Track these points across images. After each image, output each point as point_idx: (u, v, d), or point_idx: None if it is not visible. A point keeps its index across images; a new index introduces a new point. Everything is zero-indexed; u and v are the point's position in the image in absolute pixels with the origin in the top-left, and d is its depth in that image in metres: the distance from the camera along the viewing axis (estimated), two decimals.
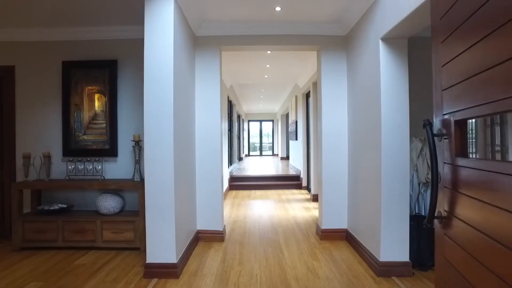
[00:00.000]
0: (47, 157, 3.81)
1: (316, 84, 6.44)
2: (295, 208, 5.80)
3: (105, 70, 3.85)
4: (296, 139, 9.11)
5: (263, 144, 20.51)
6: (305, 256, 3.37)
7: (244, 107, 15.75)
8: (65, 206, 3.74)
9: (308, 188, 7.72)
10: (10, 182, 3.88)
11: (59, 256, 3.40)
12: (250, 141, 20.35)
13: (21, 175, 3.96)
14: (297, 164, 9.33)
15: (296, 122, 9.06)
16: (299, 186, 8.12)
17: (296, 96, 9.12)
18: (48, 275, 2.94)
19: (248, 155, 19.79)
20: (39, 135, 3.99)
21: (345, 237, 3.87)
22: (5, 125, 4.01)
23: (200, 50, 3.90)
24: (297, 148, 9.27)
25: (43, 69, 3.97)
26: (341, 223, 3.89)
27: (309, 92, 7.45)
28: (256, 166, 12.32)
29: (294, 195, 7.18)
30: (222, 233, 3.91)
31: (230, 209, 5.76)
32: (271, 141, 20.45)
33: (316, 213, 5.35)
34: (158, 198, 2.87)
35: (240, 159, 14.61)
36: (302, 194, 7.38)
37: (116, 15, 3.53)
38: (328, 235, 3.89)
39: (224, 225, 4.09)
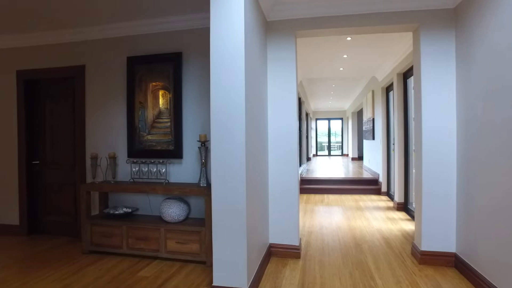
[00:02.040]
0: (113, 158, 3.65)
1: (401, 76, 5.54)
2: (377, 218, 5.01)
3: (169, 64, 3.56)
4: (373, 138, 8.18)
5: (331, 144, 19.49)
6: (405, 287, 2.66)
7: (312, 104, 15.01)
8: (130, 210, 3.54)
9: (389, 194, 6.80)
10: (81, 183, 3.82)
11: (123, 265, 3.19)
12: (318, 140, 19.47)
13: (90, 176, 3.88)
14: (374, 166, 8.39)
15: (373, 119, 8.13)
16: (377, 192, 7.22)
17: (372, 91, 8.19)
18: (111, 286, 2.72)
19: (316, 155, 18.96)
20: (105, 135, 3.86)
21: (453, 263, 3.05)
22: (77, 125, 3.97)
23: (272, 38, 3.40)
24: (374, 148, 8.33)
25: (109, 66, 3.84)
26: (447, 245, 3.08)
27: (390, 85, 6.53)
28: (326, 167, 11.54)
29: (373, 202, 6.34)
30: (298, 248, 3.36)
31: (303, 216, 5.18)
32: (340, 140, 19.33)
33: (405, 226, 4.52)
34: (227, 208, 2.43)
35: (308, 159, 13.92)
36: (382, 201, 6.50)
37: (180, 4, 3.20)
38: (429, 259, 3.10)
39: (300, 238, 3.54)
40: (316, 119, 18.94)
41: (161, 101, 3.60)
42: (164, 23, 3.57)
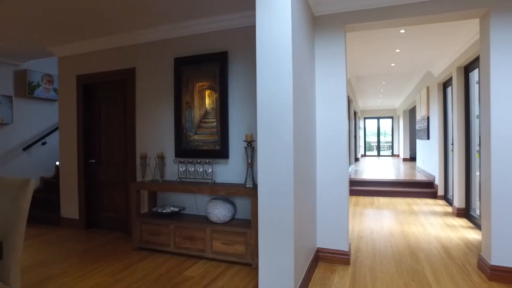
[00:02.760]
0: (161, 158, 3.73)
1: (461, 69, 5.07)
2: (434, 224, 4.63)
3: (215, 63, 3.55)
4: (428, 138, 7.63)
5: (381, 144, 18.61)
6: None
7: (360, 103, 14.44)
8: (177, 209, 3.59)
9: (446, 198, 6.28)
10: (131, 182, 3.96)
11: (170, 263, 3.24)
12: (366, 140, 18.71)
13: (140, 175, 4.01)
14: (428, 167, 7.82)
15: (428, 118, 7.57)
16: (433, 195, 6.71)
17: (427, 87, 7.63)
18: (158, 284, 2.77)
19: (364, 155, 18.24)
20: (154, 135, 3.97)
21: None
22: (128, 126, 4.12)
23: (320, 33, 3.25)
24: (428, 149, 7.76)
25: (157, 68, 3.94)
26: None
27: (447, 80, 6.02)
28: (375, 168, 11.01)
29: (428, 206, 5.89)
30: (348, 254, 3.18)
31: (352, 219, 4.95)
32: (390, 140, 18.40)
33: (467, 234, 4.11)
34: (274, 211, 2.34)
35: (356, 159, 13.41)
36: (439, 205, 6.01)
37: (226, 2, 3.17)
38: (502, 276, 2.76)
39: (349, 243, 3.35)
40: (365, 118, 18.21)
41: (207, 101, 3.61)
42: (210, 23, 3.58)
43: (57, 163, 5.58)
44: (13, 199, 1.86)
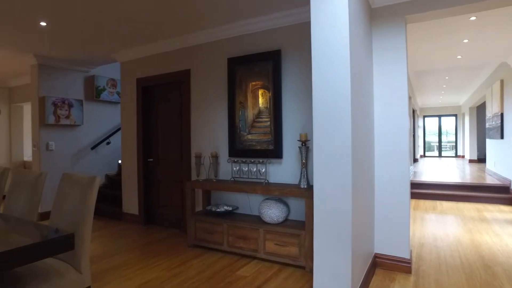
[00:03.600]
0: (215, 157, 3.79)
1: None
2: None
3: (268, 62, 3.52)
4: (502, 137, 6.89)
5: (442, 144, 17.29)
6: None
7: (420, 100, 13.52)
8: (230, 208, 3.62)
9: None
10: (186, 181, 4.08)
11: (223, 261, 3.27)
12: (426, 139, 17.49)
13: (195, 174, 4.11)
14: (502, 170, 7.06)
15: (502, 115, 6.85)
16: (508, 201, 6.04)
17: (501, 80, 6.90)
18: (211, 282, 2.81)
19: (424, 156, 17.08)
20: (208, 135, 4.05)
21: None
22: (183, 126, 4.25)
23: (378, 26, 3.06)
24: (502, 149, 7.02)
25: (211, 69, 4.01)
26: None
27: None
28: (437, 169, 10.24)
29: (503, 214, 5.31)
30: (409, 262, 2.96)
31: (412, 224, 4.62)
32: (453, 139, 17.00)
33: None
34: (330, 213, 2.24)
35: (415, 160, 12.60)
36: None
37: None
38: None
39: (410, 250, 3.11)
40: (424, 116, 17.04)
41: (260, 100, 3.59)
42: (263, 22, 3.55)
43: (120, 161, 5.96)
44: (82, 194, 1.98)
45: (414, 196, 6.70)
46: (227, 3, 3.20)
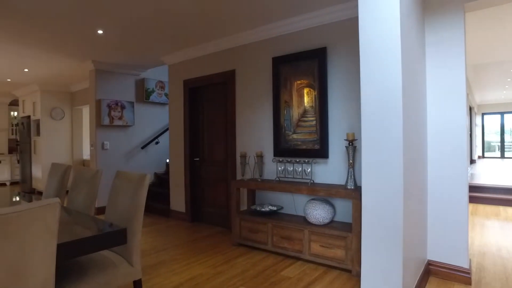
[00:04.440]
0: (260, 157, 3.79)
1: None
2: None
3: (313, 60, 3.45)
4: None
5: (505, 144, 15.85)
6: None
7: (478, 96, 12.52)
8: (275, 208, 3.60)
9: None
10: (232, 180, 4.13)
11: (267, 261, 3.25)
12: (485, 139, 16.15)
13: (240, 173, 4.15)
14: None
15: None
16: None
17: None
18: (255, 281, 2.80)
19: (482, 156, 15.79)
20: (253, 134, 4.06)
21: None
22: (228, 126, 4.32)
23: (432, 16, 2.87)
24: None
25: (256, 68, 4.02)
26: None
27: None
28: (498, 171, 9.39)
29: None
30: (468, 272, 2.73)
31: (470, 231, 4.28)
32: None
33: None
34: (380, 215, 2.13)
35: (472, 161, 11.69)
36: None
37: None
38: None
39: (470, 259, 2.88)
40: (483, 114, 15.75)
41: (306, 99, 3.53)
42: (307, 19, 3.49)
43: (167, 160, 6.21)
44: (133, 191, 2.08)
45: (472, 200, 6.21)
46: (272, 2, 3.19)
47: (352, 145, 3.04)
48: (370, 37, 2.16)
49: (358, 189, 2.92)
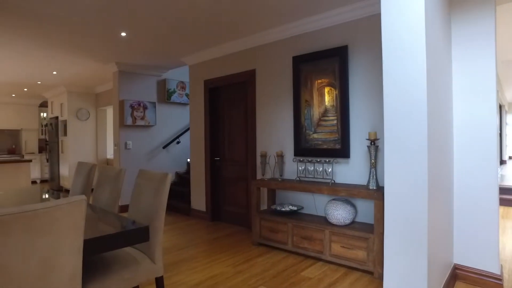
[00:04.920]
0: (280, 157, 3.78)
1: None
2: None
3: (334, 59, 3.41)
4: None
5: None
6: None
7: (508, 93, 11.99)
8: (295, 208, 3.58)
9: None
10: (252, 179, 4.14)
11: (287, 261, 3.24)
12: None
13: (260, 173, 4.15)
14: None
15: None
16: None
17: None
18: (275, 281, 2.80)
19: None
20: (273, 134, 4.05)
21: None
22: (249, 125, 4.33)
23: (459, 9, 2.76)
24: None
25: (276, 68, 4.01)
26: None
27: None
28: None
29: None
30: (499, 278, 2.62)
31: (501, 235, 4.11)
32: None
33: None
34: (403, 217, 2.08)
35: (502, 162, 11.22)
36: None
37: None
38: None
39: (501, 265, 2.76)
40: None
41: (326, 98, 3.49)
42: (328, 18, 3.45)
43: (188, 160, 6.29)
44: (155, 190, 2.11)
45: (502, 202, 5.95)
46: (294, 0, 3.17)
47: (374, 145, 2.98)
48: (393, 33, 2.10)
49: (380, 190, 2.87)
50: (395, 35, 2.09)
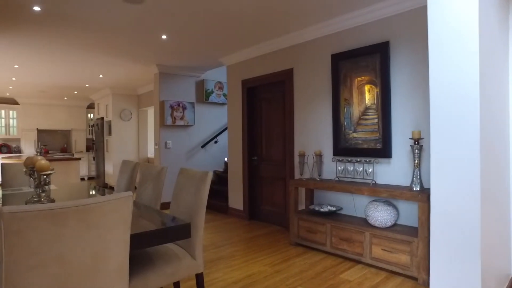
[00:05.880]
0: (318, 156, 3.72)
1: None
2: None
3: (374, 56, 3.30)
4: None
5: None
6: None
7: None
8: (334, 209, 3.51)
9: None
10: (290, 179, 4.11)
11: (326, 262, 3.18)
12: None
13: (298, 172, 4.12)
14: None
15: None
16: None
17: None
18: (314, 283, 2.76)
19: None
20: (311, 133, 4.00)
21: None
22: (287, 125, 4.31)
23: None
24: None
25: (314, 66, 3.95)
26: None
27: None
28: None
29: None
30: None
31: None
32: None
33: None
34: (452, 221, 1.96)
35: None
36: None
37: None
38: None
39: None
40: None
41: (367, 96, 3.39)
42: (369, 13, 3.34)
43: (226, 159, 6.38)
44: (196, 188, 2.16)
45: None
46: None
47: (418, 144, 2.85)
48: (440, 26, 1.99)
49: (424, 191, 2.73)
50: (443, 27, 1.98)
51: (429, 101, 2.03)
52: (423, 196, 2.65)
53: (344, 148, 3.57)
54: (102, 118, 8.79)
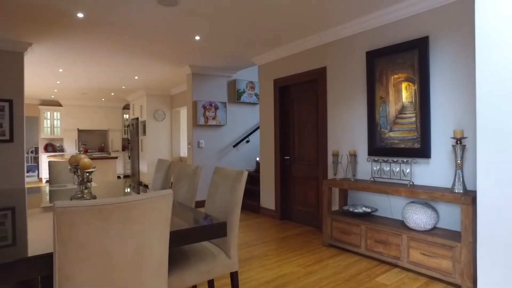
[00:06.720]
0: (353, 156, 3.64)
1: None
2: None
3: (412, 52, 3.17)
4: None
5: None
6: None
7: None
8: (369, 210, 3.42)
9: None
10: (323, 179, 4.06)
11: (360, 265, 3.11)
12: None
13: (332, 172, 4.05)
14: None
15: None
16: None
17: None
18: (348, 285, 2.71)
19: None
20: (345, 132, 3.92)
21: None
22: (320, 124, 4.25)
23: None
24: None
25: (348, 64, 3.87)
26: None
27: None
28: None
29: None
30: None
31: None
32: None
33: None
34: (502, 226, 1.84)
35: None
36: None
37: None
38: None
39: None
40: None
41: (404, 94, 3.27)
42: (406, 7, 3.22)
43: (257, 159, 6.40)
44: (231, 187, 2.18)
45: None
46: None
47: (461, 144, 2.70)
48: (490, 17, 1.88)
49: (468, 193, 2.59)
50: (494, 18, 1.86)
51: (475, 100, 1.93)
52: (467, 198, 2.51)
53: (379, 148, 3.47)
54: (137, 118, 9.11)
